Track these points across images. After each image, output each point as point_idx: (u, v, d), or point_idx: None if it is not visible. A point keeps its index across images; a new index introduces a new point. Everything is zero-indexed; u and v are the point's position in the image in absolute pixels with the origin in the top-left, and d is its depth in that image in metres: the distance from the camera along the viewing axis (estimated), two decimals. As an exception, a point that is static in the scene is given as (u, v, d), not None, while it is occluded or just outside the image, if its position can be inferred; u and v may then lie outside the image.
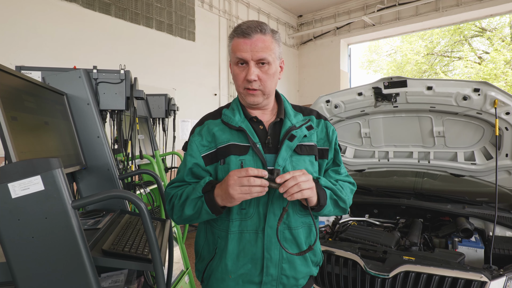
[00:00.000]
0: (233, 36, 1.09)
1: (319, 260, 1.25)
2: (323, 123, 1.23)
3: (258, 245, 1.09)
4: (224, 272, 1.11)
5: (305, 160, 1.14)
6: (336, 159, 1.24)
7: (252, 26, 1.05)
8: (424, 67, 13.20)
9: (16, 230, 0.76)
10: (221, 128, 1.14)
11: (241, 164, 1.08)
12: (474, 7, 6.21)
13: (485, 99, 2.01)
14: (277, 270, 1.10)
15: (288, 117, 1.17)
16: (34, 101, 1.08)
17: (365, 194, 2.72)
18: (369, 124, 2.62)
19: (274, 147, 1.12)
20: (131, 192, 1.21)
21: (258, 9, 7.33)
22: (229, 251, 1.10)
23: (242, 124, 1.12)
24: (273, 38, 1.09)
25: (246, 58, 1.06)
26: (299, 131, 1.14)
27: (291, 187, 0.96)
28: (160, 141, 3.31)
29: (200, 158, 1.14)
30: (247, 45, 1.05)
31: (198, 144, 1.15)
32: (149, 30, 5.13)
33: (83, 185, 1.46)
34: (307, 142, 1.16)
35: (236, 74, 1.10)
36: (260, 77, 1.08)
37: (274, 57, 1.09)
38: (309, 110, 1.26)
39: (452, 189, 2.57)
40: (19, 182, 0.76)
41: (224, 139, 1.12)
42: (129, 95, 1.57)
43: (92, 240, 0.97)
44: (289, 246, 1.11)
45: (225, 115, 1.17)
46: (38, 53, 3.84)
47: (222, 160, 1.11)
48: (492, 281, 1.53)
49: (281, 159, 1.09)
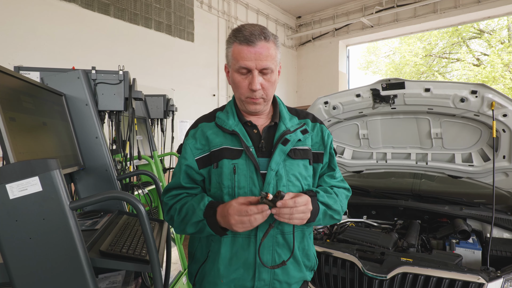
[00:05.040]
0: (233, 41, 1.05)
1: (313, 265, 1.24)
2: (318, 127, 1.22)
3: (251, 250, 1.08)
4: (216, 276, 1.10)
5: (298, 164, 1.13)
6: (331, 163, 1.23)
7: (256, 33, 1.02)
8: (423, 68, 13.24)
9: (14, 231, 0.76)
10: (215, 132, 1.13)
11: (234, 168, 1.07)
12: (472, 9, 6.24)
13: (482, 101, 2.02)
14: (270, 275, 1.09)
15: (283, 121, 1.16)
16: (32, 102, 1.08)
17: (363, 196, 2.73)
18: (367, 126, 2.63)
19: (267, 151, 1.11)
20: (129, 193, 1.21)
21: (257, 10, 7.34)
22: (222, 255, 1.09)
23: (236, 128, 1.11)
24: (275, 45, 1.07)
25: (250, 67, 1.03)
26: (293, 135, 1.13)
27: (284, 213, 0.96)
28: (158, 141, 3.30)
29: (194, 161, 1.13)
30: (251, 53, 1.02)
31: (192, 147, 1.14)
32: (148, 30, 5.13)
33: (81, 185, 1.46)
34: (301, 146, 1.15)
35: (238, 82, 1.07)
36: (263, 86, 1.07)
37: (276, 64, 1.08)
38: (305, 113, 1.25)
39: (449, 191, 2.58)
40: (17, 183, 0.75)
41: (218, 143, 1.11)
42: (127, 95, 1.57)
43: (89, 241, 0.97)
44: (281, 251, 1.11)
45: (219, 118, 1.15)
46: (36, 53, 3.83)
47: (215, 164, 1.10)
48: (490, 283, 1.53)
49: (274, 163, 1.08)
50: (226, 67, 1.15)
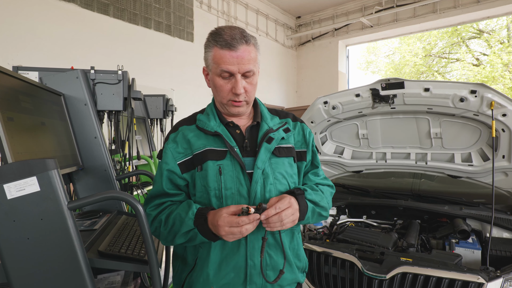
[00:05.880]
0: (213, 45, 1.05)
1: (304, 266, 1.23)
2: (299, 126, 1.23)
3: (241, 253, 1.06)
4: (206, 283, 1.06)
5: (284, 162, 1.13)
6: (314, 161, 1.25)
7: (237, 37, 1.02)
8: (422, 68, 13.25)
9: (12, 231, 0.76)
10: (196, 134, 1.12)
11: (219, 169, 1.05)
12: (471, 9, 6.25)
13: (481, 101, 2.02)
14: (262, 278, 1.07)
15: (265, 120, 1.16)
16: (31, 102, 1.08)
17: (363, 195, 2.72)
18: (367, 126, 2.63)
19: (252, 151, 1.11)
20: (128, 193, 1.21)
21: (257, 10, 7.33)
22: (211, 260, 1.06)
23: (218, 129, 1.10)
24: (255, 47, 1.07)
25: (233, 71, 1.03)
26: (277, 133, 1.13)
27: (274, 222, 0.96)
28: (158, 142, 3.30)
29: (176, 165, 1.10)
30: (233, 58, 1.02)
31: (173, 151, 1.11)
32: (148, 30, 5.13)
33: (80, 185, 1.45)
34: (285, 144, 1.15)
35: (220, 86, 1.07)
36: (246, 89, 1.07)
37: (257, 66, 1.09)
38: (285, 113, 1.26)
39: (449, 191, 2.58)
40: (14, 183, 0.75)
41: (200, 145, 1.09)
42: (126, 95, 1.57)
43: (88, 241, 0.96)
44: (272, 252, 1.09)
45: (200, 121, 1.14)
46: (36, 53, 3.83)
47: (199, 167, 1.08)
48: (489, 282, 1.53)
49: (260, 161, 1.07)
50: (205, 70, 1.14)
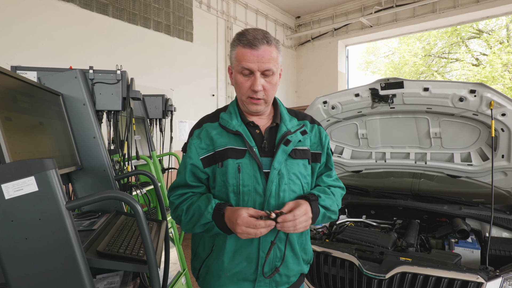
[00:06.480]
0: (236, 44, 1.12)
1: (310, 259, 1.32)
2: (316, 128, 1.30)
3: (254, 245, 1.15)
4: (221, 269, 1.17)
5: (298, 163, 1.20)
6: (328, 163, 1.32)
7: (259, 37, 1.08)
8: (422, 68, 13.25)
9: (9, 231, 0.76)
10: (219, 132, 1.19)
11: (239, 168, 1.13)
12: (470, 9, 6.25)
13: (481, 101, 2.02)
14: (271, 269, 1.16)
15: (284, 122, 1.22)
16: (29, 101, 1.08)
17: (362, 195, 2.72)
18: (366, 125, 2.63)
19: (270, 151, 1.18)
20: (127, 193, 1.21)
21: (256, 10, 7.33)
22: (227, 249, 1.15)
23: (239, 128, 1.16)
24: (277, 49, 1.13)
25: (252, 68, 1.09)
26: (294, 136, 1.20)
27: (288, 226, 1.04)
28: (157, 141, 3.30)
29: (199, 160, 1.18)
30: (254, 56, 1.08)
31: (197, 147, 1.19)
32: (147, 30, 5.12)
33: (79, 186, 1.45)
34: (301, 147, 1.22)
35: (241, 83, 1.14)
36: (264, 87, 1.13)
37: (277, 66, 1.14)
38: (303, 115, 1.33)
39: (448, 190, 2.58)
40: (12, 183, 0.75)
41: (222, 143, 1.16)
42: (125, 95, 1.57)
43: (87, 241, 0.96)
44: (282, 245, 1.17)
45: (222, 119, 1.21)
46: (35, 53, 3.82)
47: (220, 163, 1.16)
48: (489, 282, 1.53)
49: (277, 162, 1.14)
50: (230, 69, 1.21)
